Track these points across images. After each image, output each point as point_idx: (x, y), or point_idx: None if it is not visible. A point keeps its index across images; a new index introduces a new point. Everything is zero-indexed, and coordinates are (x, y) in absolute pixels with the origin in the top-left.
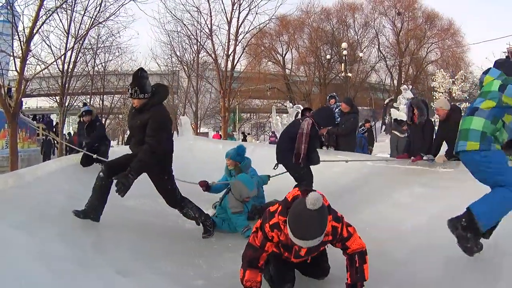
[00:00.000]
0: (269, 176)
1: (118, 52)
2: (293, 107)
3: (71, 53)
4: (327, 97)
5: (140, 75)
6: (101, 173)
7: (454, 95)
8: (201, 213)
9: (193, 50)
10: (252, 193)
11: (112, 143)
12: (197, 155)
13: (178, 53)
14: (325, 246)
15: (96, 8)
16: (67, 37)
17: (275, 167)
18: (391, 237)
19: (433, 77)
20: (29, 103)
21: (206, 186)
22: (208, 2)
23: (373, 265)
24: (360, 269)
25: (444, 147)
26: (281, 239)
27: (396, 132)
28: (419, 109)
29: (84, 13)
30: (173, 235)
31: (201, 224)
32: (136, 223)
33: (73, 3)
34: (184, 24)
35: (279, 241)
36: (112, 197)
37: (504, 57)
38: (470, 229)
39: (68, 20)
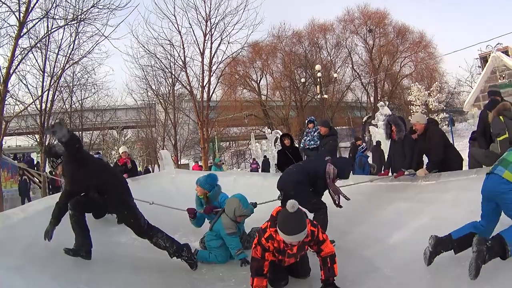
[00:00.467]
0: (255, 204)
1: (94, 88)
2: (271, 133)
3: (48, 92)
4: (306, 121)
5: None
6: (69, 211)
7: (431, 106)
8: (172, 242)
9: (168, 83)
10: (247, 212)
11: None
12: (180, 188)
13: (153, 87)
14: (307, 246)
15: (70, 46)
16: (43, 76)
17: (280, 197)
18: (379, 253)
19: (409, 90)
20: (9, 142)
21: (193, 214)
22: (180, 34)
23: (365, 282)
24: (331, 268)
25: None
26: (275, 246)
27: None
28: (396, 126)
29: (58, 51)
30: (165, 268)
31: (177, 258)
32: (128, 258)
33: (47, 42)
34: (157, 57)
35: (274, 248)
36: (101, 236)
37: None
38: (493, 253)
39: (43, 59)
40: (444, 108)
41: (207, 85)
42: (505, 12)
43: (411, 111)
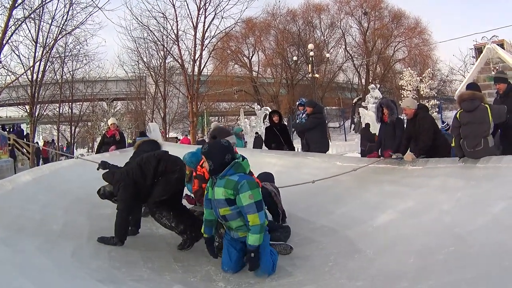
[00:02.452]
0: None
1: (86, 59)
2: (261, 109)
3: (40, 62)
4: (297, 104)
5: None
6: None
7: (422, 92)
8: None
9: (160, 56)
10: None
11: (82, 151)
12: None
13: (145, 59)
14: None
15: (63, 16)
16: (36, 47)
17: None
18: (362, 235)
19: (401, 75)
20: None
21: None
22: (174, 7)
23: (347, 263)
24: None
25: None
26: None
27: None
28: (389, 108)
29: (52, 22)
30: (149, 241)
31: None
32: (113, 231)
33: (41, 13)
34: (150, 30)
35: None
36: (88, 207)
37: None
38: None
39: (37, 30)
40: (435, 95)
41: (198, 59)
42: (503, 4)
43: (402, 96)
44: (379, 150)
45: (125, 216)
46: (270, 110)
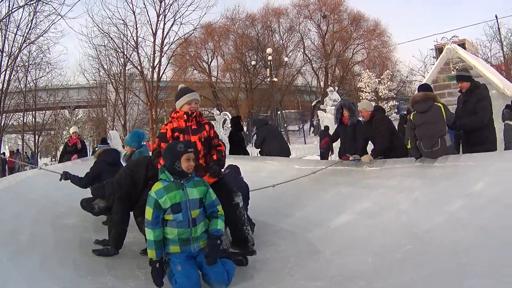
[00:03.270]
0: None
1: (49, 68)
2: (220, 114)
3: (5, 72)
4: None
5: None
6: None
7: (380, 94)
8: None
9: (120, 62)
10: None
11: (46, 160)
12: None
13: (105, 66)
14: (210, 133)
15: (27, 25)
16: (1, 56)
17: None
18: (321, 236)
19: (360, 77)
20: None
21: None
22: (134, 14)
23: (306, 264)
24: (223, 157)
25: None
26: (175, 126)
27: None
28: (350, 111)
29: (17, 31)
30: None
31: None
32: (78, 240)
33: (7, 22)
34: (110, 37)
35: (174, 130)
36: (52, 217)
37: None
38: None
39: (3, 39)
40: (395, 96)
41: (157, 66)
42: (464, 5)
43: (361, 98)
44: (336, 152)
45: (123, 227)
46: (229, 115)
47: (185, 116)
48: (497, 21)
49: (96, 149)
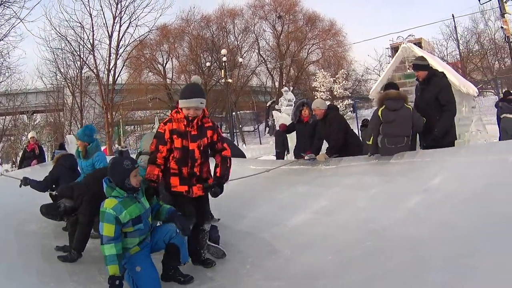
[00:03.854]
0: None
1: (8, 72)
2: None
3: None
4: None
5: None
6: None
7: (335, 93)
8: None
9: (77, 66)
10: None
11: (6, 166)
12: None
13: (62, 70)
14: (209, 136)
15: None
16: None
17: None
18: (278, 236)
19: (314, 77)
20: None
21: None
22: (91, 16)
23: (264, 264)
24: (227, 170)
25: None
26: (175, 128)
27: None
28: (311, 109)
29: None
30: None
31: None
32: (40, 246)
33: None
34: (68, 40)
35: (173, 132)
36: (15, 224)
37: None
38: None
39: None
40: (350, 95)
41: (113, 68)
42: (421, 4)
43: (316, 97)
44: (292, 151)
45: (87, 230)
46: None
47: (185, 120)
48: (453, 20)
49: (55, 154)
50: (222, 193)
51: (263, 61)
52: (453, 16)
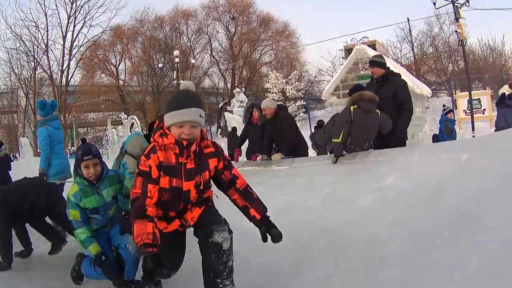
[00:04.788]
0: None
1: None
2: (127, 119)
3: None
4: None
5: None
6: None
7: (288, 94)
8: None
9: (31, 67)
10: None
11: None
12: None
13: (16, 71)
14: (212, 168)
15: None
16: None
17: None
18: (234, 238)
19: (267, 78)
20: None
21: None
22: (46, 16)
23: None
24: (259, 200)
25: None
26: (162, 160)
27: None
28: (261, 111)
29: None
30: (31, 261)
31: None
32: None
33: None
34: (22, 40)
35: (160, 166)
36: None
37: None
38: None
39: None
40: (302, 96)
41: (66, 69)
42: (374, 7)
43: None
44: (245, 152)
45: (6, 238)
46: (136, 119)
47: (176, 147)
48: (409, 23)
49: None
50: None
51: (216, 62)
52: (408, 19)
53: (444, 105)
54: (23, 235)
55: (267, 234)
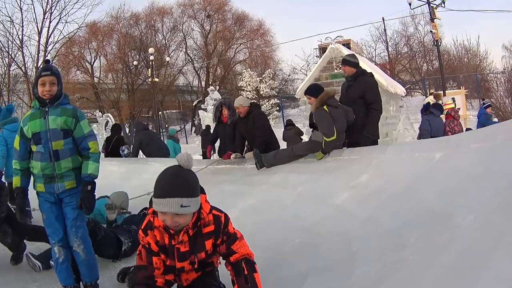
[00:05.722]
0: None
1: None
2: (102, 117)
3: None
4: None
5: None
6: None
7: (262, 92)
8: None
9: (5, 63)
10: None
11: None
12: None
13: None
14: (210, 245)
15: None
16: None
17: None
18: None
19: (241, 76)
20: None
21: None
22: (21, 11)
23: None
24: (251, 278)
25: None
26: (158, 239)
27: None
28: (230, 109)
29: None
30: (6, 264)
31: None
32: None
33: None
34: None
35: (157, 245)
36: None
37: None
38: None
39: None
40: (276, 94)
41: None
42: (349, 6)
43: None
44: (217, 151)
45: None
46: (111, 117)
47: (165, 232)
48: (384, 23)
49: None
50: (147, 197)
51: (190, 60)
52: (383, 19)
53: (483, 99)
54: None
55: None
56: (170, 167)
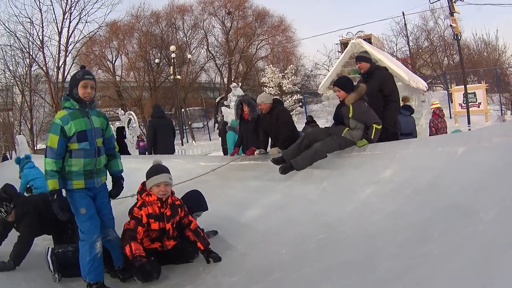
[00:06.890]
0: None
1: None
2: (125, 114)
3: None
4: None
5: None
6: None
7: (284, 88)
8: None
9: (26, 63)
10: None
11: None
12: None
13: (11, 68)
14: (178, 216)
15: None
16: None
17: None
18: (231, 232)
19: (263, 72)
20: None
21: None
22: (41, 12)
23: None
24: (204, 237)
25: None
26: (150, 213)
27: None
28: (249, 106)
29: None
30: (27, 261)
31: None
32: None
33: None
34: (17, 36)
35: (149, 216)
36: None
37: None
38: None
39: None
40: (299, 90)
41: (62, 66)
42: (370, 1)
43: (265, 93)
44: (240, 147)
45: (28, 246)
46: (134, 115)
47: (158, 202)
48: (404, 17)
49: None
50: (175, 192)
51: (212, 57)
52: (403, 13)
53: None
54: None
55: (209, 259)
56: (154, 164)
